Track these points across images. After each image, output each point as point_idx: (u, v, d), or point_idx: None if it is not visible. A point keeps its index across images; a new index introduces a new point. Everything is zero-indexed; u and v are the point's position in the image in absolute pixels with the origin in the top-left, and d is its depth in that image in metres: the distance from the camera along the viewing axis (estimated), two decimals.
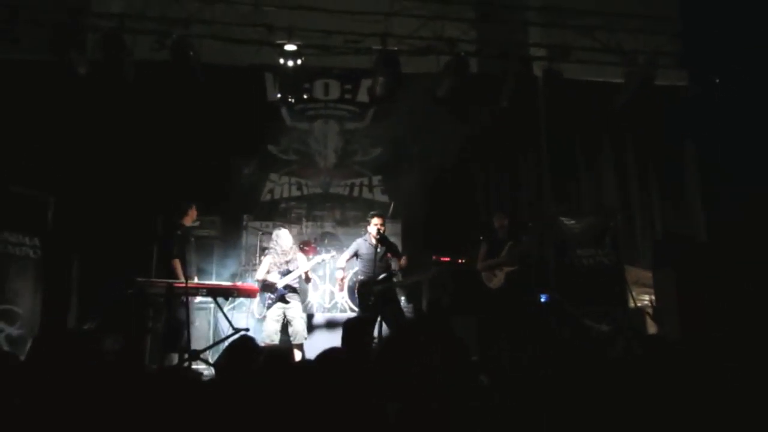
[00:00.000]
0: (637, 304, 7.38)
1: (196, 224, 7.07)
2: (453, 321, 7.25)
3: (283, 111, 9.06)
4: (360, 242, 6.90)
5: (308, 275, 6.93)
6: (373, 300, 6.57)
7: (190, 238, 6.82)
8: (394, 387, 3.14)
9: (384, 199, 8.97)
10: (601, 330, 7.03)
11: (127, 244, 7.27)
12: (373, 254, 6.62)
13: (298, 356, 6.58)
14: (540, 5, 7.93)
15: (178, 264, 6.33)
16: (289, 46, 7.04)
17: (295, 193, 9.02)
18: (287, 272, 6.69)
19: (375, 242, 6.61)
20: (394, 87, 7.37)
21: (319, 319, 7.36)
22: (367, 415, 2.57)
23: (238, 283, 6.88)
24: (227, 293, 6.45)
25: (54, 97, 7.64)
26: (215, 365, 4.10)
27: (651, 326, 7.22)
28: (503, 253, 6.95)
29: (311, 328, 7.04)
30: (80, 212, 7.49)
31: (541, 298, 7.17)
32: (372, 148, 9.15)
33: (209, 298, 6.70)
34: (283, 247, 6.79)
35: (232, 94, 8.27)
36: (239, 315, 7.26)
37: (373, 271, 6.62)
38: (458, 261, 7.56)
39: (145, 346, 6.22)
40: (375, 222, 6.64)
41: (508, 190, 9.00)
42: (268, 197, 8.94)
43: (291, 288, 6.72)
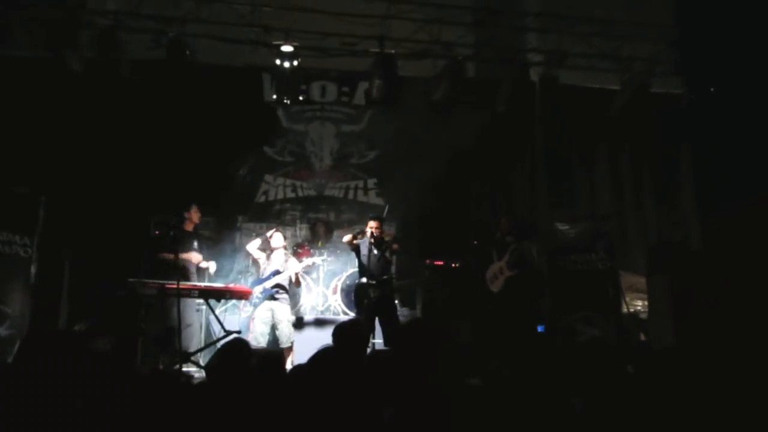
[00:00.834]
0: (630, 310, 7.39)
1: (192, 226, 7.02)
2: (447, 324, 7.27)
3: (280, 112, 9.05)
4: (361, 242, 6.90)
5: (298, 278, 6.93)
6: (369, 303, 6.55)
7: (189, 241, 6.81)
8: (388, 390, 3.12)
9: (379, 202, 8.95)
10: (592, 335, 7.02)
11: (119, 245, 7.22)
12: (369, 256, 6.61)
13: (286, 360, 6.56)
14: (537, 11, 7.93)
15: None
16: (286, 48, 7.02)
17: (290, 195, 9.00)
18: (276, 273, 6.70)
19: (370, 244, 6.61)
20: (391, 90, 7.36)
21: (312, 321, 7.33)
22: (362, 419, 2.55)
23: (231, 285, 6.85)
24: (220, 295, 6.41)
25: (48, 95, 7.58)
26: (206, 368, 4.05)
27: (644, 332, 7.22)
28: (506, 257, 6.96)
29: (303, 330, 7.01)
30: (72, 211, 7.42)
31: (539, 329, 7.18)
32: (368, 151, 9.14)
33: (201, 300, 6.69)
34: (273, 246, 6.88)
35: (228, 95, 8.23)
36: (231, 317, 7.21)
37: (371, 273, 6.61)
38: (452, 264, 7.54)
39: (137, 347, 6.15)
40: (370, 225, 6.66)
41: (503, 194, 8.99)
42: (262, 199, 8.91)
43: (281, 287, 6.72)
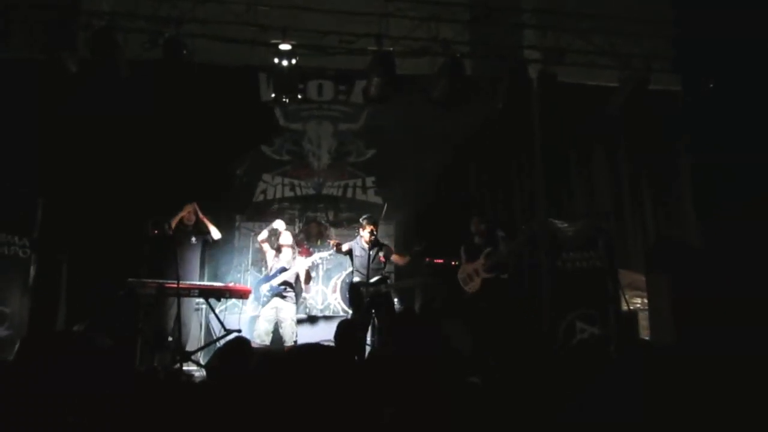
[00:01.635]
0: (630, 307, 7.39)
1: (190, 224, 7.01)
2: (446, 324, 7.25)
3: (277, 111, 9.04)
4: (353, 244, 6.93)
5: (308, 275, 6.99)
6: (366, 302, 6.58)
7: (188, 238, 6.79)
8: (388, 389, 3.11)
9: (377, 200, 8.95)
10: (593, 333, 7.02)
11: (117, 245, 7.21)
12: (366, 257, 6.64)
13: None
14: (535, 7, 7.91)
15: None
16: (284, 46, 7.00)
17: (288, 194, 8.99)
18: (282, 270, 6.72)
19: (367, 246, 6.66)
20: (389, 88, 7.34)
21: (311, 320, 7.34)
22: (362, 417, 2.54)
23: (230, 284, 6.85)
24: (219, 294, 6.40)
25: (45, 96, 7.56)
26: (206, 367, 4.05)
27: (643, 329, 7.22)
28: (480, 260, 6.94)
29: (303, 329, 7.01)
30: (70, 212, 7.42)
31: None
32: (366, 150, 9.13)
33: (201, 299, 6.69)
34: (281, 243, 6.91)
35: (225, 94, 8.23)
36: (231, 316, 7.21)
37: (366, 273, 6.62)
38: (452, 263, 7.53)
39: (136, 347, 6.15)
40: (365, 228, 6.74)
41: (501, 192, 8.98)
42: (260, 198, 8.91)
43: (288, 284, 6.73)
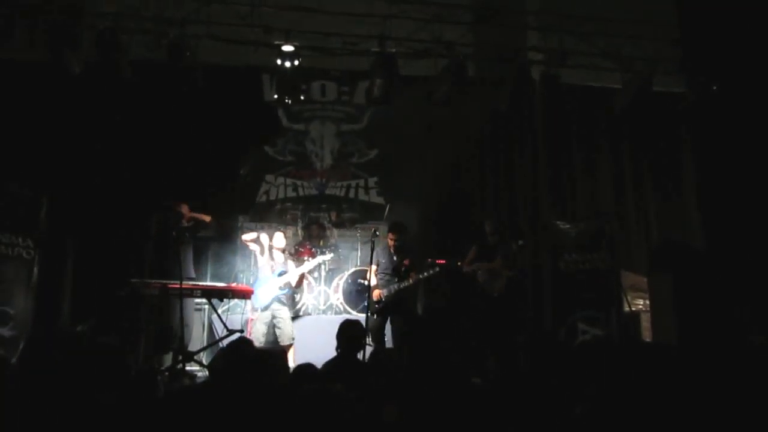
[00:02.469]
0: (632, 309, 7.39)
1: (191, 224, 7.03)
2: (451, 323, 7.28)
3: (280, 112, 9.06)
4: (378, 251, 6.94)
5: (301, 279, 7.00)
6: (381, 305, 6.60)
7: (186, 238, 6.82)
8: (391, 389, 3.12)
9: (380, 201, 8.96)
10: (595, 334, 7.02)
11: (121, 245, 7.23)
12: (390, 263, 6.76)
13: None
14: (538, 9, 7.92)
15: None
16: (287, 47, 7.01)
17: (291, 195, 9.00)
18: (282, 273, 6.74)
19: (393, 252, 6.76)
20: (392, 89, 7.35)
21: (313, 320, 7.35)
22: (364, 417, 2.55)
23: (233, 284, 6.87)
24: (222, 294, 6.42)
25: (48, 96, 7.58)
26: (209, 367, 4.06)
27: (646, 331, 7.22)
28: (497, 260, 6.94)
29: (305, 329, 7.02)
30: (74, 212, 7.44)
31: None
32: (368, 150, 9.14)
33: (204, 299, 6.72)
34: (275, 245, 6.93)
35: (228, 95, 8.25)
36: (234, 317, 7.22)
37: (389, 278, 6.75)
38: (457, 263, 7.54)
39: (140, 347, 6.17)
40: (390, 236, 6.81)
41: (504, 193, 8.98)
42: (263, 198, 8.92)
43: (284, 291, 6.77)
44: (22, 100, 7.49)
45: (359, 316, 6.59)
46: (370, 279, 6.67)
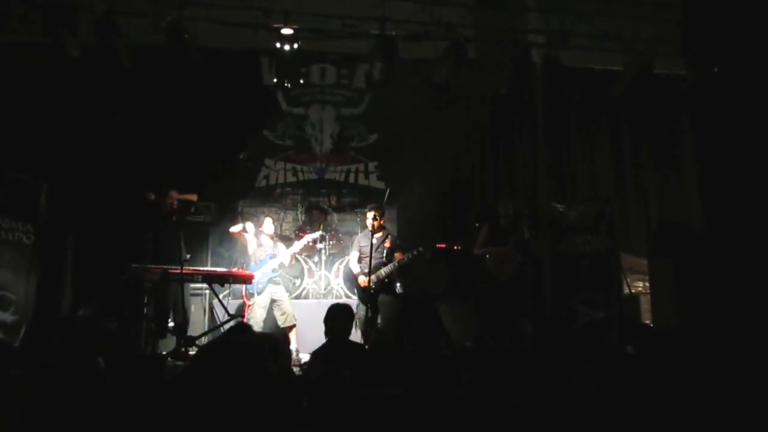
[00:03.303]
0: (632, 291, 7.41)
1: (192, 209, 7.02)
2: (449, 307, 7.29)
3: (279, 96, 9.01)
4: (359, 237, 6.88)
5: (292, 259, 7.16)
6: (371, 288, 6.59)
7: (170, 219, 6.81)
8: (386, 373, 3.13)
9: (380, 185, 8.94)
10: (596, 317, 7.04)
11: (121, 230, 7.22)
12: (369, 245, 6.62)
13: (292, 338, 6.61)
14: None
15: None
16: (286, 30, 6.95)
17: (291, 179, 8.98)
18: (272, 256, 6.80)
19: (373, 233, 6.63)
20: (391, 72, 7.30)
21: (314, 305, 7.36)
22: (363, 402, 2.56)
23: (233, 269, 6.88)
24: (223, 279, 6.43)
25: (47, 80, 7.53)
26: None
27: (645, 313, 7.25)
28: (510, 244, 6.91)
29: (305, 313, 7.04)
30: (74, 197, 7.42)
31: None
32: (368, 134, 9.11)
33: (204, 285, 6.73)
34: (264, 231, 7.01)
35: (227, 78, 8.20)
36: (234, 301, 7.24)
37: (370, 260, 6.62)
38: (454, 247, 7.54)
39: (141, 332, 6.19)
40: (369, 215, 6.71)
41: (504, 176, 8.97)
42: (263, 183, 8.90)
43: (276, 272, 6.83)
44: (21, 85, 7.45)
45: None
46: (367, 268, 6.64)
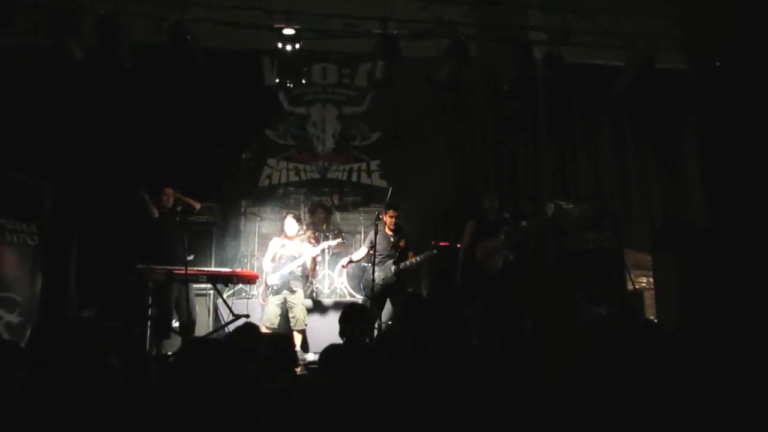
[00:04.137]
0: (636, 287, 7.39)
1: (179, 209, 7.01)
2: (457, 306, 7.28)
3: (281, 95, 9.02)
4: (378, 237, 6.92)
5: (314, 265, 7.08)
6: (378, 287, 6.60)
7: (171, 220, 6.82)
8: (396, 370, 3.14)
9: (382, 184, 8.95)
10: (599, 313, 7.03)
11: (126, 231, 7.24)
12: (387, 244, 6.72)
13: (298, 340, 6.63)
14: None
15: None
16: (288, 30, 6.96)
17: (293, 179, 8.99)
18: (293, 258, 6.77)
19: (391, 232, 6.75)
20: (393, 71, 7.31)
21: (319, 304, 7.38)
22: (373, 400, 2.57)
23: (238, 269, 6.89)
24: (227, 279, 6.44)
25: (51, 82, 7.56)
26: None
27: (649, 309, 7.25)
28: (499, 237, 6.86)
29: (311, 313, 7.06)
30: (78, 198, 7.45)
31: None
32: (370, 133, 9.11)
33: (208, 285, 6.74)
34: (288, 234, 6.88)
35: (229, 79, 8.21)
36: (239, 301, 7.25)
37: (385, 260, 6.72)
38: (457, 245, 7.54)
39: (146, 332, 6.21)
40: (389, 216, 6.79)
41: (506, 173, 8.96)
42: (266, 183, 8.91)
43: (295, 275, 6.78)
44: (25, 87, 7.47)
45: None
46: (371, 261, 6.67)
